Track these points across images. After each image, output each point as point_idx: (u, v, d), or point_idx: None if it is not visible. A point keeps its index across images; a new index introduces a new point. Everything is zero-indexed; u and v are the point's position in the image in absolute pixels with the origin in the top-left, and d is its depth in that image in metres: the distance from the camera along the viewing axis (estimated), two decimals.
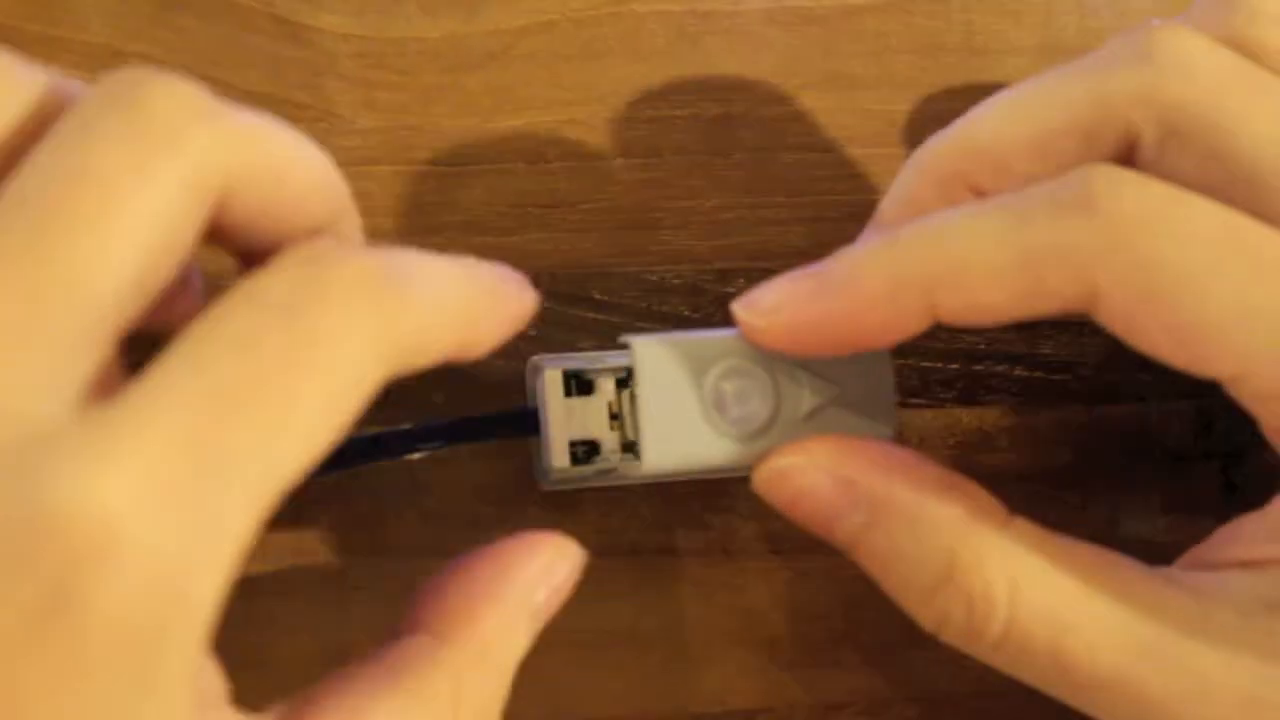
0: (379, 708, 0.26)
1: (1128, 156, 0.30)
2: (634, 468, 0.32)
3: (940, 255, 0.29)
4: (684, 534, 0.34)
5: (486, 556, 0.29)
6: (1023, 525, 0.30)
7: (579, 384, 0.32)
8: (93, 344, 0.23)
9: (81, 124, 0.24)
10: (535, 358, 0.33)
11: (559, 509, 0.34)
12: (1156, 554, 0.30)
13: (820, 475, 0.31)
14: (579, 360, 0.32)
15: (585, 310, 0.35)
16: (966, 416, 0.37)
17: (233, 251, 0.27)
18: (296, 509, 0.33)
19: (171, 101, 0.24)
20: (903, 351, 0.36)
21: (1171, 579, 0.29)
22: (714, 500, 0.34)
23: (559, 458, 0.32)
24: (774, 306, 0.31)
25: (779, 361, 0.32)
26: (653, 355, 0.32)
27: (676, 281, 0.36)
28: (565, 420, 0.32)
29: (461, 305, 0.27)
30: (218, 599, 0.22)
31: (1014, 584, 0.29)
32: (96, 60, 0.35)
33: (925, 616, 0.30)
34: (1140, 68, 0.30)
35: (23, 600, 0.21)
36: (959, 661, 0.30)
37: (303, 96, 0.35)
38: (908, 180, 0.32)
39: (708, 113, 0.37)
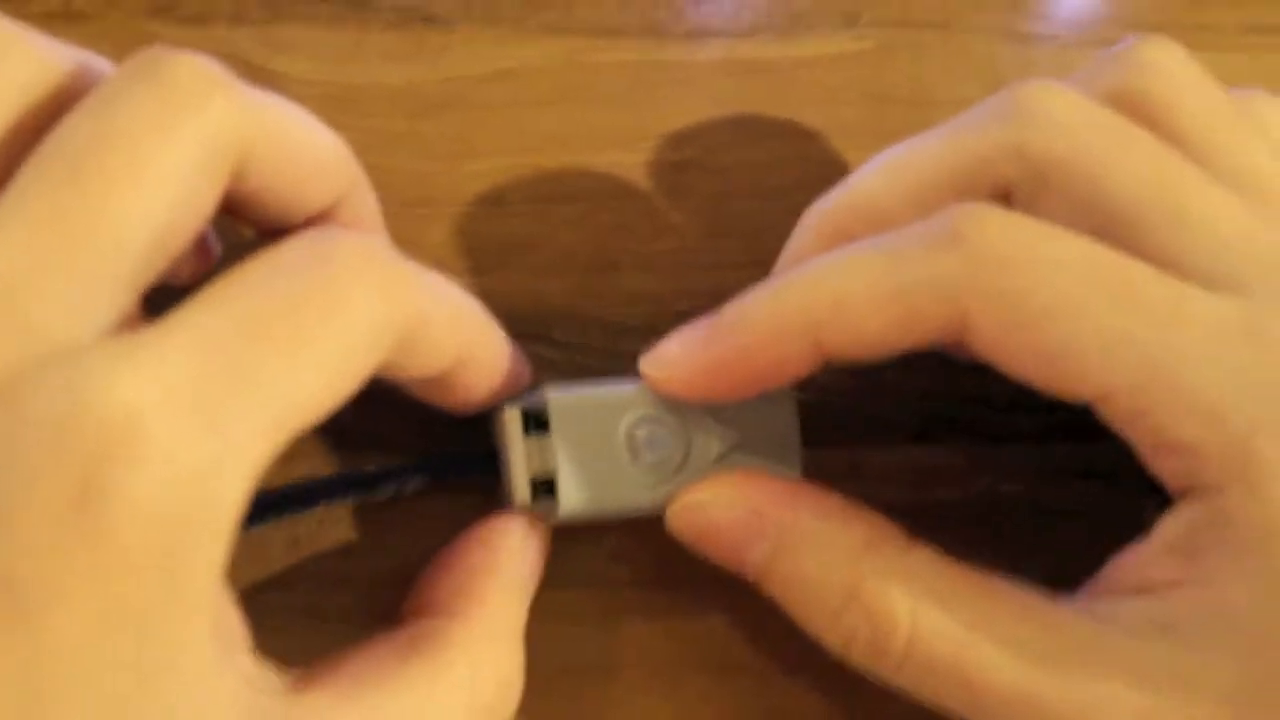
0: (399, 680, 0.28)
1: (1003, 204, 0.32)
2: (551, 511, 0.33)
3: (820, 294, 0.30)
4: (640, 564, 0.35)
5: (474, 540, 0.32)
6: (923, 550, 0.32)
7: (537, 422, 0.33)
8: (120, 287, 0.25)
9: (111, 92, 0.26)
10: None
11: None
12: None
13: (728, 509, 0.32)
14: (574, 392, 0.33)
15: (546, 349, 0.36)
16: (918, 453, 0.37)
17: (251, 225, 0.30)
18: None
19: (193, 73, 0.26)
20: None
21: (1070, 603, 0.30)
22: (665, 533, 0.35)
23: (520, 494, 0.32)
24: (673, 359, 0.32)
25: (689, 409, 0.33)
26: (569, 405, 0.33)
27: (635, 323, 0.37)
28: (525, 458, 0.33)
29: (461, 315, 0.30)
30: (237, 511, 0.23)
31: (915, 603, 0.30)
32: None
33: (832, 637, 0.31)
34: (1008, 124, 0.31)
35: (54, 492, 0.22)
36: None
37: None
38: (798, 238, 0.34)
39: (665, 159, 0.38)
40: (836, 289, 0.30)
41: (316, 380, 0.25)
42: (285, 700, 0.26)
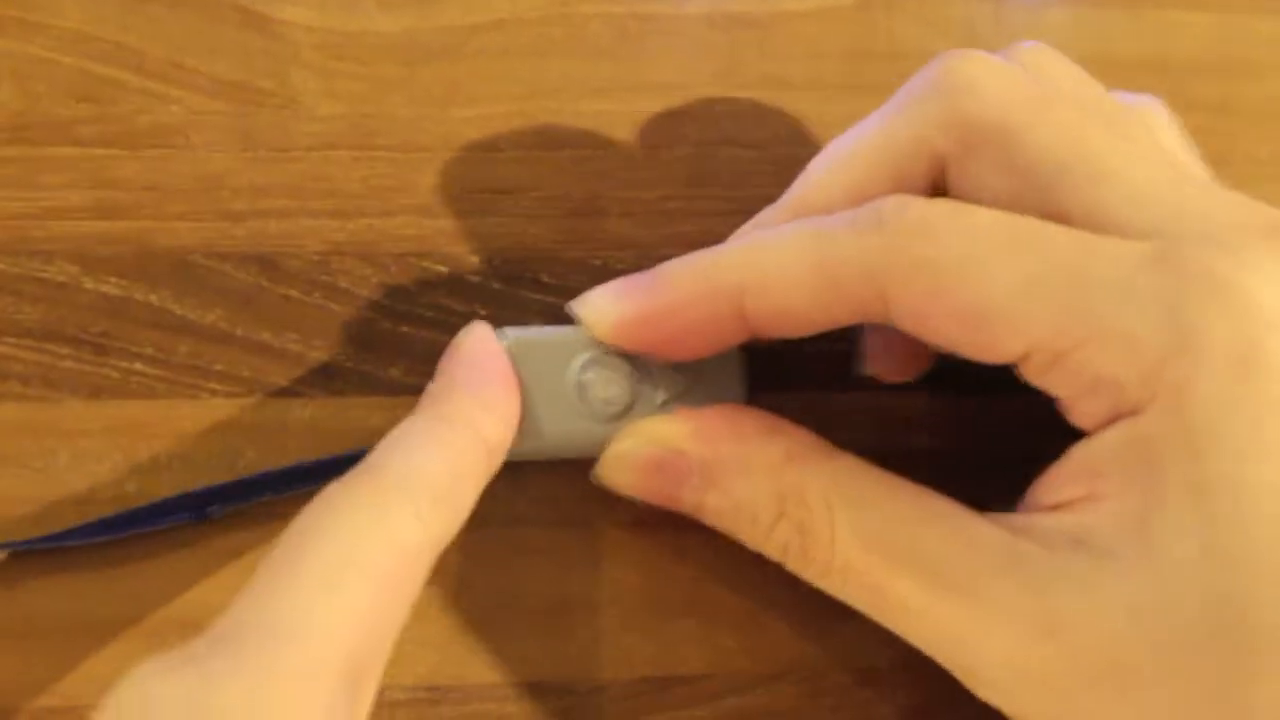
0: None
1: (940, 183, 0.33)
2: None
3: (748, 265, 0.32)
4: (627, 504, 0.36)
5: None
6: (847, 458, 0.33)
7: None
8: None
9: None
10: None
11: (503, 479, 0.35)
12: None
13: (651, 452, 0.34)
14: (532, 333, 0.34)
15: (532, 292, 0.37)
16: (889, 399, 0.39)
17: None
18: None
19: None
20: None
21: (988, 517, 0.31)
22: None
23: None
24: (602, 306, 0.33)
25: (637, 356, 0.34)
26: (523, 345, 0.34)
27: (620, 266, 0.38)
28: None
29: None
30: None
31: (835, 511, 0.31)
32: (70, 45, 0.36)
33: (771, 550, 0.33)
34: (936, 96, 0.33)
35: None
36: (887, 632, 0.32)
37: (268, 84, 0.37)
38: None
39: (650, 109, 0.39)
40: (763, 260, 0.31)
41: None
42: None
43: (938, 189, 0.33)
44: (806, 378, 0.38)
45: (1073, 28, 0.42)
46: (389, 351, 0.36)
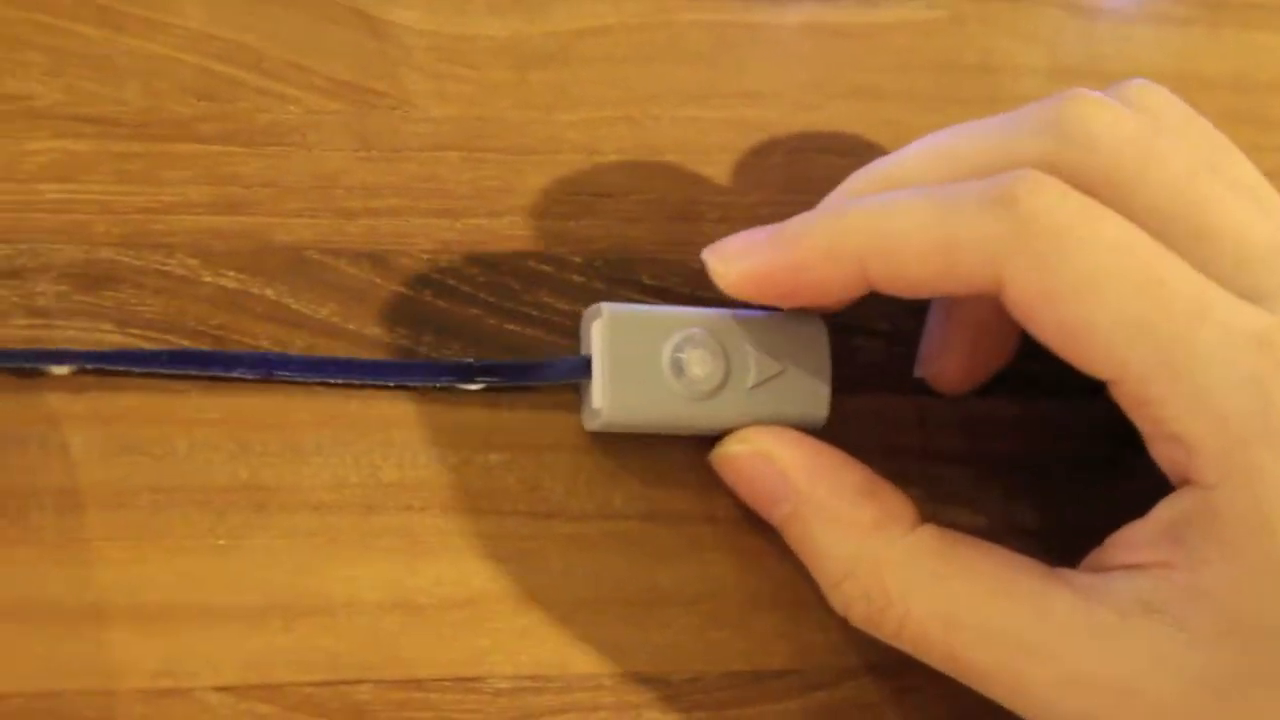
0: None
1: None
2: (594, 418, 0.36)
3: (875, 229, 0.33)
4: (724, 503, 0.37)
5: None
6: (929, 532, 0.34)
7: None
8: None
9: None
10: (596, 304, 0.36)
11: (600, 474, 0.37)
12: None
13: (759, 464, 0.35)
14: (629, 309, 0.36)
15: (634, 293, 0.38)
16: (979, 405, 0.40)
17: None
18: None
19: None
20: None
21: (1062, 578, 0.32)
22: None
23: (596, 399, 0.35)
24: (735, 253, 0.35)
25: (732, 338, 0.36)
26: (620, 321, 0.35)
27: None
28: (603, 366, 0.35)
29: None
30: None
31: (908, 586, 0.33)
32: (192, 44, 0.37)
33: (833, 599, 0.35)
34: (1049, 137, 0.33)
35: None
36: None
37: (381, 85, 0.38)
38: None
39: (747, 115, 0.40)
40: (890, 228, 0.32)
41: None
42: None
43: None
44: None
45: (1156, 45, 0.43)
46: (495, 348, 0.37)
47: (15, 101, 0.36)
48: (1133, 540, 0.32)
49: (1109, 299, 0.30)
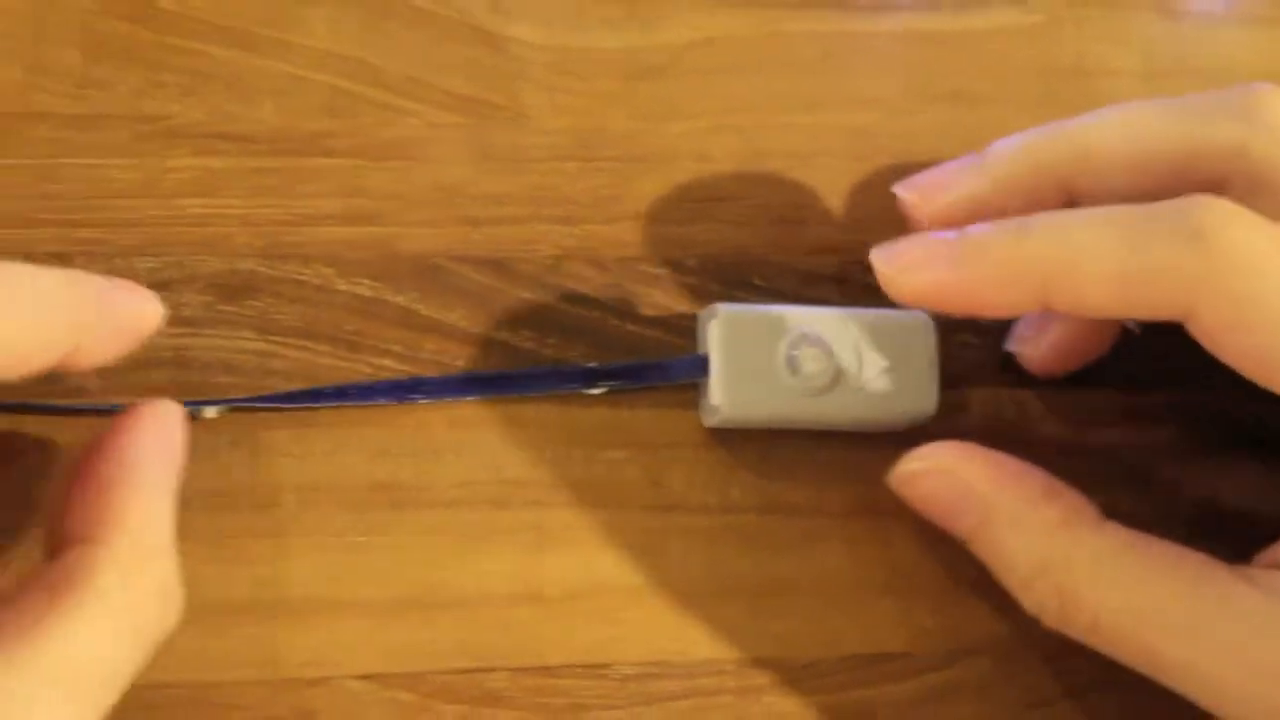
0: (53, 623, 0.27)
1: (1223, 182, 0.34)
2: (712, 414, 0.37)
3: (1059, 254, 0.33)
4: (835, 496, 0.38)
5: (103, 451, 0.31)
6: (1113, 529, 0.34)
7: None
8: None
9: None
10: (711, 305, 0.38)
11: (717, 469, 0.38)
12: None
13: (943, 480, 0.36)
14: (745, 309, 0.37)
15: (747, 294, 0.39)
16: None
17: None
18: None
19: None
20: None
21: (1246, 577, 0.33)
22: (858, 470, 0.38)
23: (715, 396, 0.37)
24: (911, 264, 0.35)
25: (843, 336, 0.37)
26: (736, 320, 0.37)
27: (824, 272, 0.40)
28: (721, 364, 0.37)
29: (63, 308, 0.29)
30: None
31: (1099, 583, 0.34)
32: (318, 63, 0.39)
33: (1026, 602, 0.35)
34: (1238, 124, 0.34)
35: None
36: None
37: (498, 98, 0.40)
38: (1011, 161, 0.37)
39: (849, 121, 0.42)
40: (1075, 255, 0.32)
41: None
42: None
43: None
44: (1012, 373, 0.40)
45: (1245, 46, 0.44)
46: (617, 348, 0.38)
47: (155, 122, 0.38)
48: None
49: None
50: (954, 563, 0.38)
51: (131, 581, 0.29)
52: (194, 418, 0.35)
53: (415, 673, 0.35)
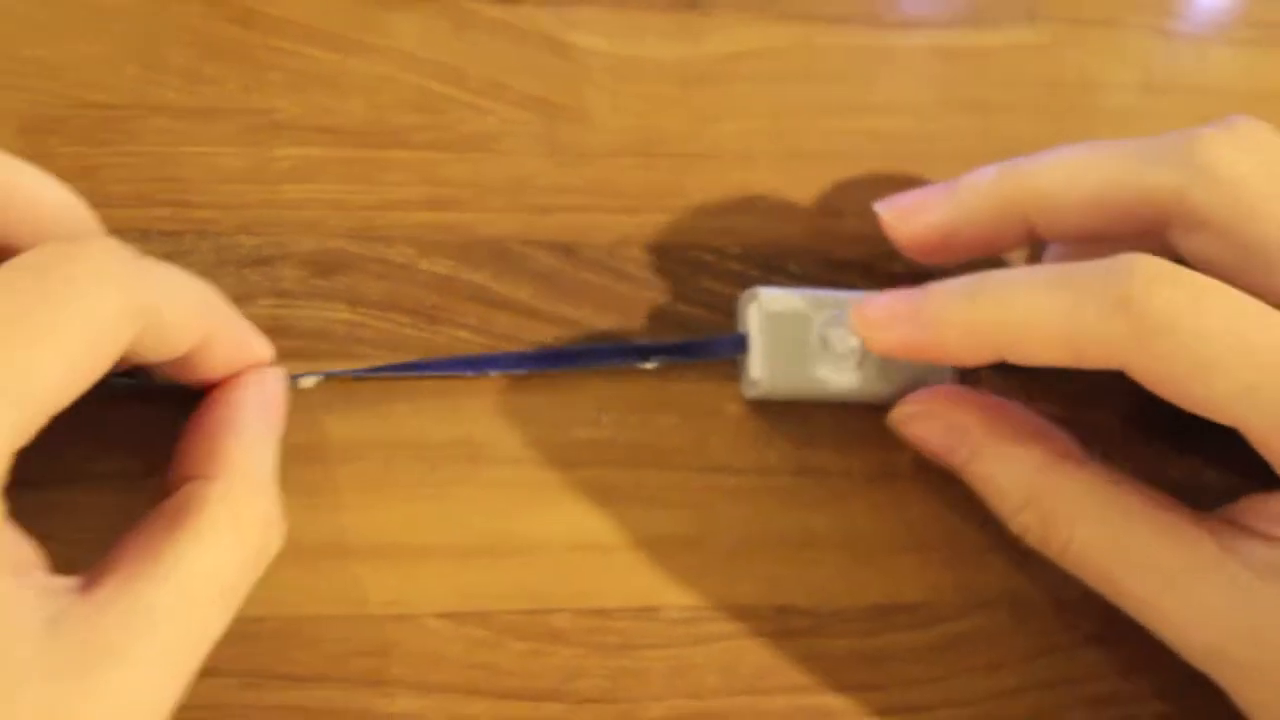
0: (170, 550, 0.30)
1: (1166, 222, 0.38)
2: (752, 387, 0.41)
3: (1006, 318, 0.36)
4: (861, 461, 0.42)
5: (214, 405, 0.34)
6: (1095, 468, 0.38)
7: None
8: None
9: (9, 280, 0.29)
10: (752, 289, 0.41)
11: (752, 436, 0.42)
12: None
13: (938, 421, 0.40)
14: (782, 293, 0.41)
15: (784, 280, 0.43)
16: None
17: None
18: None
19: (88, 269, 0.30)
20: None
21: (1209, 529, 0.36)
22: (882, 438, 0.42)
23: (754, 370, 0.41)
24: (878, 322, 0.38)
25: None
26: (774, 302, 0.40)
27: (856, 260, 0.44)
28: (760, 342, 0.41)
29: (197, 303, 0.33)
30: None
31: (1075, 517, 0.37)
32: (407, 64, 0.43)
33: (1012, 527, 0.39)
34: (1177, 170, 0.37)
35: None
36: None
37: (566, 99, 0.44)
38: (975, 189, 0.40)
39: (877, 126, 0.46)
40: (1020, 319, 0.35)
41: (57, 369, 0.28)
42: (78, 600, 0.28)
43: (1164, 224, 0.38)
44: None
45: (1232, 64, 0.49)
46: (669, 325, 0.42)
47: (262, 115, 0.41)
48: (1266, 511, 0.36)
49: (1221, 376, 0.33)
50: (968, 523, 0.42)
51: (239, 510, 0.32)
52: (294, 386, 0.38)
53: (486, 611, 0.38)
